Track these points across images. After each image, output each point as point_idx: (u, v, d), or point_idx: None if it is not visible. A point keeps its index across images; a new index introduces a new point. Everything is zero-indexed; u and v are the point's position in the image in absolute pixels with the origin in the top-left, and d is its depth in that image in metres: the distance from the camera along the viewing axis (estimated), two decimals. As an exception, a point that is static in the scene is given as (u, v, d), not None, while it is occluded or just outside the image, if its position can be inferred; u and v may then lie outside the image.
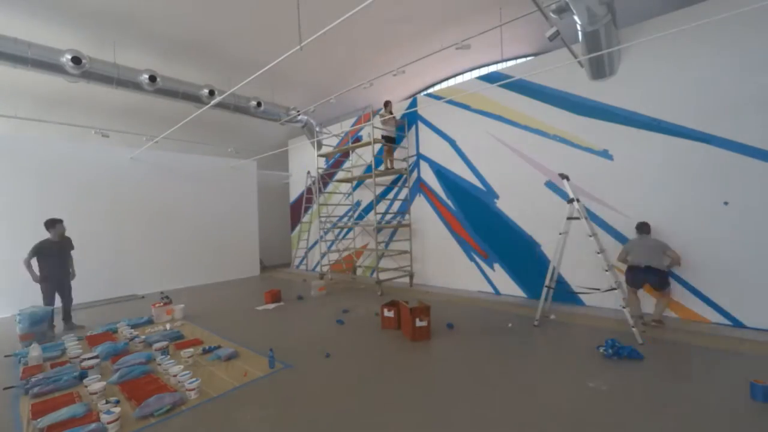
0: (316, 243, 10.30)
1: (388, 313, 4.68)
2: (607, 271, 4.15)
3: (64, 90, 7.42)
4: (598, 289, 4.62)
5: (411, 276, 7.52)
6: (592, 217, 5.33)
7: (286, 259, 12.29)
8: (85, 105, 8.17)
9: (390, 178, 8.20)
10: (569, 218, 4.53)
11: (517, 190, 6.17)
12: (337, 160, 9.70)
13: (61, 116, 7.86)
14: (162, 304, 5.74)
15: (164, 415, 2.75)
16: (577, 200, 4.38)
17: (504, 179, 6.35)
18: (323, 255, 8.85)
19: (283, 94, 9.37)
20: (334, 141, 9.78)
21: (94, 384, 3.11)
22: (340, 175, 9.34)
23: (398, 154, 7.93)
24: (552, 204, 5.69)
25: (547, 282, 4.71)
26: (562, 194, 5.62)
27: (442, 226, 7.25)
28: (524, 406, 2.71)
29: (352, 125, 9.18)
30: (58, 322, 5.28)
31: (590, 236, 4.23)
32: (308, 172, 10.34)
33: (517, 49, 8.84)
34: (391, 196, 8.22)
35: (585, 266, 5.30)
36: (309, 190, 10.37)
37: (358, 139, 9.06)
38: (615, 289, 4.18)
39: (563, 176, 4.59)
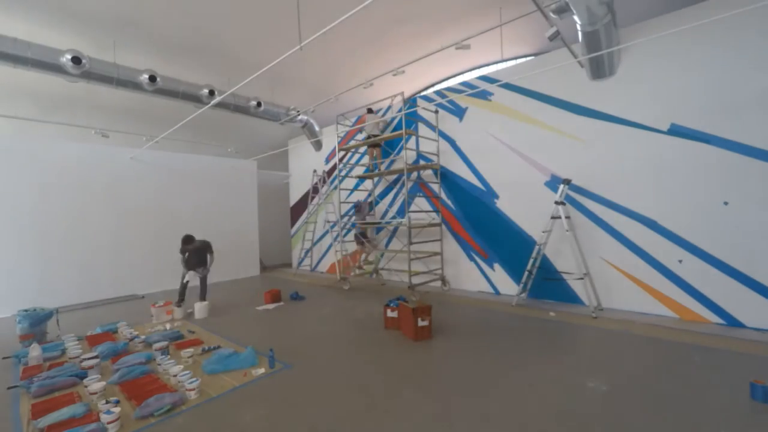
0: (316, 242, 10.30)
1: (392, 314, 4.68)
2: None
3: (64, 90, 7.42)
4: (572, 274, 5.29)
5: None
6: (591, 216, 5.34)
7: (286, 259, 12.28)
8: (85, 105, 8.17)
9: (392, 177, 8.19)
10: (553, 217, 5.29)
11: (517, 189, 6.17)
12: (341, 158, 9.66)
13: (61, 116, 7.87)
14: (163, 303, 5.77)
15: (164, 415, 2.75)
16: (563, 203, 5.18)
17: (503, 179, 6.35)
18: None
19: (283, 94, 9.37)
20: (335, 141, 9.77)
21: (94, 384, 3.11)
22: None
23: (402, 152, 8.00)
24: (552, 204, 5.68)
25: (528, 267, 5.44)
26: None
27: (442, 225, 7.24)
28: (525, 405, 2.71)
29: (352, 125, 9.18)
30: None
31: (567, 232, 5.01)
32: (314, 171, 10.21)
33: (517, 49, 8.85)
34: (390, 196, 8.22)
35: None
36: (315, 189, 10.22)
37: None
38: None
39: (567, 181, 5.26)
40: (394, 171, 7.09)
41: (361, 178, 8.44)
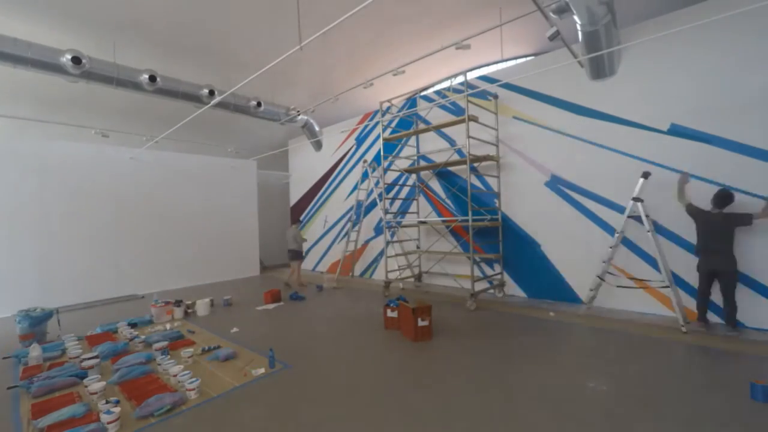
0: (316, 242, 10.30)
1: (392, 314, 4.67)
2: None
3: (64, 90, 7.41)
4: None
5: (419, 276, 7.60)
6: (589, 214, 5.34)
7: (287, 259, 12.26)
8: (85, 105, 8.17)
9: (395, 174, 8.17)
10: (630, 216, 4.71)
11: (518, 190, 6.18)
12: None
13: (62, 116, 7.86)
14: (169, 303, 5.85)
15: (164, 415, 2.75)
16: (641, 200, 4.59)
17: (504, 179, 6.35)
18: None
19: (283, 94, 9.36)
20: (335, 141, 9.79)
21: (94, 384, 3.11)
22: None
23: (404, 152, 8.01)
24: (552, 204, 5.69)
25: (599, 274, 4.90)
26: (562, 194, 5.62)
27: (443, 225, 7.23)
28: (525, 406, 2.71)
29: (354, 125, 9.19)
30: None
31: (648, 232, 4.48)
32: (364, 161, 8.68)
33: (517, 49, 8.84)
34: (391, 195, 8.22)
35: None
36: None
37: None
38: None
39: (645, 175, 4.63)
40: (455, 162, 6.41)
41: (408, 172, 7.49)
